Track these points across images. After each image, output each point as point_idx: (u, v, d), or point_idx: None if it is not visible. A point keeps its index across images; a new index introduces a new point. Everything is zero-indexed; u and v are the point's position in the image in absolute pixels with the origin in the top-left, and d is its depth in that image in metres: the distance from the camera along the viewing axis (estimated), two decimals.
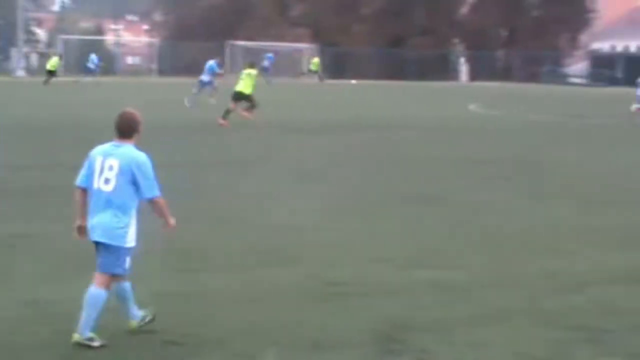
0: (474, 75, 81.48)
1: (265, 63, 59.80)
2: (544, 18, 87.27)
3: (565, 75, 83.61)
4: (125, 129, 7.05)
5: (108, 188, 6.90)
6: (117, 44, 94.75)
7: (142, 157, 6.99)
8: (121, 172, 6.89)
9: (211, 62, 38.23)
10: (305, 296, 8.66)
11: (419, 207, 13.97)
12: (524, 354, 7.16)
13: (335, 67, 73.88)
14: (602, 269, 10.07)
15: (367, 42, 77.96)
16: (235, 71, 71.78)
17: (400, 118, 32.74)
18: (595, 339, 7.53)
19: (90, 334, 6.85)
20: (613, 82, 74.66)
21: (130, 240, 6.96)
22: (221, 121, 26.67)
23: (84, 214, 7.03)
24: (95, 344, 6.82)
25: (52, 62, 53.33)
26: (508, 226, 12.46)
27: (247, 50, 72.53)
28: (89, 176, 7.02)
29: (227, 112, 27.13)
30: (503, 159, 20.54)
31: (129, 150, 7.00)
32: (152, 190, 6.96)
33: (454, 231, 12.06)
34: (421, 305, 8.43)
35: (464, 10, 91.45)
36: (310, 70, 67.00)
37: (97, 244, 6.98)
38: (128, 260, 7.02)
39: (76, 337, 6.86)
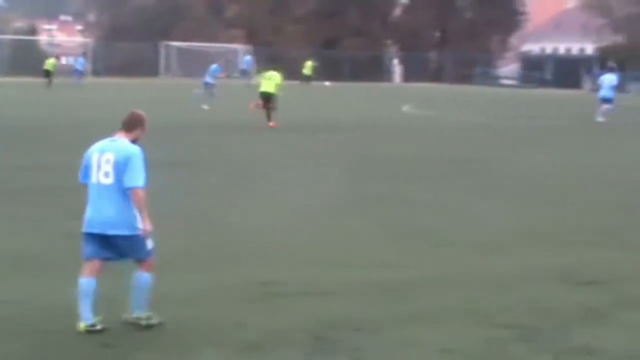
0: (408, 76, 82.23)
1: (244, 66, 60.02)
2: (476, 20, 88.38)
3: (497, 77, 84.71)
4: (129, 123, 7.57)
5: (108, 181, 7.30)
6: (51, 44, 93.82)
7: (134, 149, 7.41)
8: (116, 165, 7.31)
9: (214, 65, 39.79)
10: (241, 296, 8.68)
11: (361, 206, 14.16)
12: (456, 352, 7.31)
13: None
14: (534, 267, 10.27)
15: (301, 42, 78.18)
16: (170, 72, 71.89)
17: (333, 119, 32.94)
18: (526, 337, 7.69)
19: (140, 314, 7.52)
20: (543, 83, 75.95)
21: (140, 225, 7.35)
22: (270, 124, 28.30)
23: None
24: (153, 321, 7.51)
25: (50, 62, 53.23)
26: (444, 226, 12.68)
27: (182, 51, 72.45)
28: (87, 172, 7.47)
29: (268, 113, 28.67)
30: (438, 158, 20.89)
31: (122, 143, 7.43)
32: (134, 180, 7.27)
33: (389, 231, 12.24)
34: (356, 305, 8.54)
35: (397, 11, 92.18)
36: (304, 76, 62.70)
37: (99, 236, 7.35)
38: (149, 242, 7.45)
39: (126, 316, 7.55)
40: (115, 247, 7.39)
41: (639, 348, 7.53)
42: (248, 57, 63.28)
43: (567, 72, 76.31)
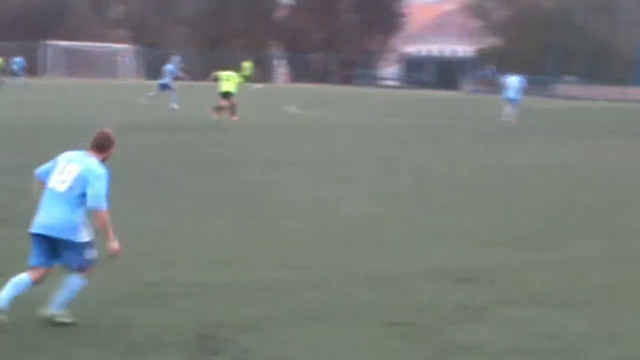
0: (292, 77, 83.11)
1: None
2: (358, 22, 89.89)
3: (379, 78, 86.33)
4: (101, 143, 7.81)
5: (63, 188, 7.56)
6: None
7: (101, 171, 7.64)
8: (78, 178, 7.56)
9: (170, 65, 40.19)
10: (126, 298, 8.62)
11: (239, 207, 14.22)
12: (340, 349, 7.46)
13: (156, 69, 74.11)
14: (415, 266, 10.46)
15: (186, 43, 78.42)
16: (49, 72, 70.80)
17: (221, 120, 32.47)
18: (407, 334, 7.86)
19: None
20: (423, 84, 77.74)
21: (85, 236, 7.58)
22: (234, 118, 30.99)
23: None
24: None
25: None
26: (329, 225, 12.87)
27: (65, 50, 71.56)
28: (48, 173, 7.74)
29: (232, 109, 31.48)
30: (317, 158, 21.18)
31: (92, 162, 7.67)
32: (99, 202, 7.50)
33: (272, 230, 12.36)
34: (242, 305, 8.59)
35: (282, 12, 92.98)
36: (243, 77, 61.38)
37: (45, 239, 7.55)
38: (89, 252, 7.64)
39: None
40: (57, 251, 7.60)
41: (517, 344, 7.76)
42: (177, 58, 62.93)
43: (446, 73, 78.50)
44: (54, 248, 7.60)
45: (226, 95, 32.27)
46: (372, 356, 7.41)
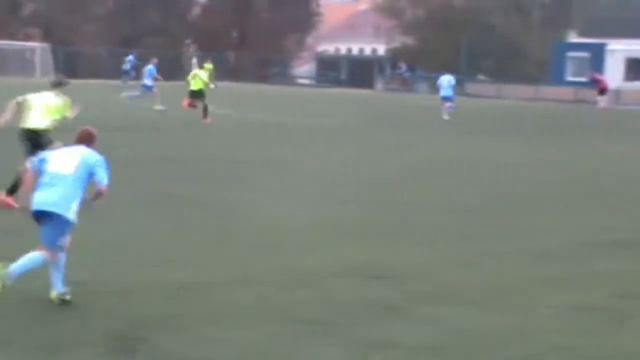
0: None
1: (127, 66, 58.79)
2: (272, 21, 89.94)
3: (293, 77, 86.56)
4: (87, 139, 9.07)
5: (67, 171, 8.56)
6: None
7: (98, 156, 8.87)
8: (83, 162, 8.67)
9: (150, 66, 39.54)
10: (40, 297, 8.53)
11: (157, 207, 14.26)
12: (254, 347, 7.53)
13: (68, 67, 73.24)
14: (330, 264, 10.59)
15: (99, 41, 77.60)
16: None
17: (129, 118, 32.64)
18: (322, 332, 7.96)
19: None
20: (337, 82, 78.16)
21: (73, 216, 8.50)
22: (206, 120, 31.51)
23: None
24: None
25: None
26: (244, 224, 12.96)
27: None
28: (43, 163, 8.71)
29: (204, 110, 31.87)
30: (235, 158, 21.20)
31: (89, 150, 8.89)
32: (105, 179, 8.75)
33: (189, 230, 12.43)
34: (157, 304, 8.63)
35: (196, 11, 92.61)
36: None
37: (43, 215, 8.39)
38: (65, 239, 8.54)
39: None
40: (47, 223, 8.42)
41: (431, 341, 7.91)
42: (131, 57, 61.93)
43: (361, 72, 79.01)
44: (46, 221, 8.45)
45: (194, 94, 33.01)
46: (287, 354, 7.49)
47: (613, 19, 75.41)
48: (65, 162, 8.68)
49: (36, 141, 13.71)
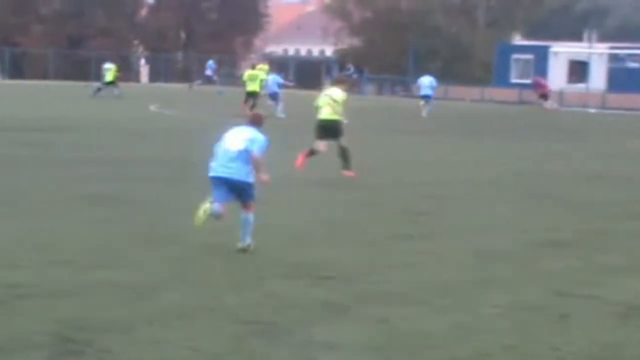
0: (154, 77, 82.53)
1: (208, 72, 58.34)
2: (220, 22, 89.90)
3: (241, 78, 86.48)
4: (255, 121, 11.68)
5: (239, 147, 11.01)
6: None
7: (261, 135, 11.32)
8: (247, 140, 11.06)
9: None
10: None
11: (96, 207, 14.17)
12: (202, 349, 7.51)
13: (15, 68, 72.62)
14: (274, 264, 10.64)
15: (46, 42, 76.93)
16: None
17: (78, 119, 32.58)
18: (268, 333, 7.98)
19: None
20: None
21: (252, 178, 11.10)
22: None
23: None
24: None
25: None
26: (186, 225, 12.55)
27: None
28: (222, 141, 11.22)
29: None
30: (180, 159, 21.21)
31: (250, 129, 11.34)
32: (257, 150, 11.05)
33: (134, 231, 12.40)
34: (102, 306, 8.59)
35: (144, 12, 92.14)
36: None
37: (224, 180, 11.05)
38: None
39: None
40: (233, 190, 11.04)
41: (377, 341, 7.96)
42: (211, 62, 61.25)
43: (309, 73, 79.22)
44: (230, 187, 11.10)
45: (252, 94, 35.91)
46: (233, 356, 7.51)
47: (556, 22, 76.47)
48: (235, 141, 11.11)
49: None
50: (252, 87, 36.03)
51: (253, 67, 38.41)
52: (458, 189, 18.32)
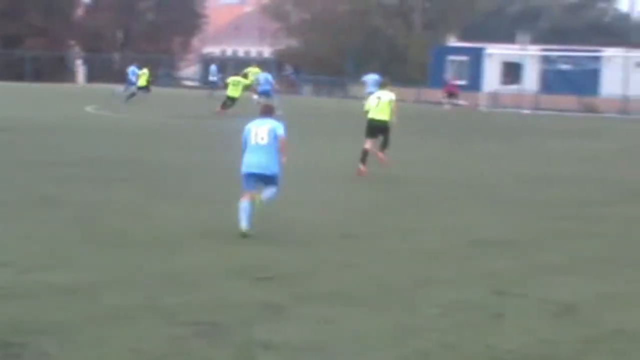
0: (91, 77, 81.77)
1: (212, 77, 57.13)
2: (158, 22, 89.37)
3: (179, 78, 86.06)
4: (268, 112, 12.94)
5: (264, 142, 12.40)
6: None
7: (278, 122, 12.71)
8: (270, 132, 12.47)
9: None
10: None
11: (38, 209, 14.13)
12: (142, 351, 7.49)
13: None
14: (212, 265, 10.68)
15: None
16: None
17: (14, 119, 32.18)
18: (207, 333, 7.99)
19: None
20: (225, 84, 77.80)
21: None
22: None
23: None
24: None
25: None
26: (128, 226, 12.95)
27: None
28: (248, 137, 12.51)
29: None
30: (118, 159, 21.17)
31: (271, 120, 12.71)
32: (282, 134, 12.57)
33: (73, 232, 12.38)
34: (40, 308, 8.54)
35: (80, 12, 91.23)
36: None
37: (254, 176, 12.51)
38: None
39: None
40: (263, 180, 12.54)
41: (317, 341, 8.02)
42: (214, 67, 60.11)
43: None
44: (260, 180, 12.60)
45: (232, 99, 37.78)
46: (173, 357, 7.51)
47: (490, 24, 77.29)
48: (260, 135, 12.47)
49: None
50: (234, 92, 38.24)
51: (244, 76, 41.90)
52: (398, 189, 18.45)
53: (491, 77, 59.66)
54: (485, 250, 12.52)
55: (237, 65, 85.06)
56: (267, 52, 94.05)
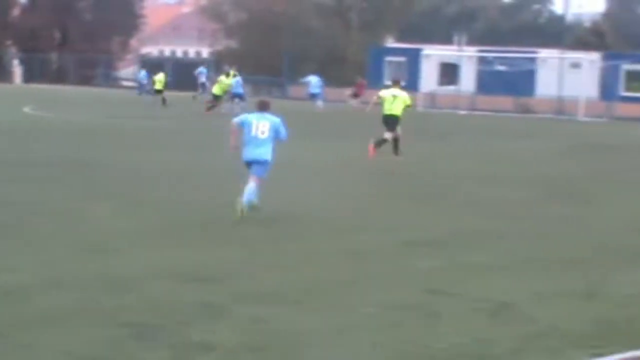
0: (28, 78, 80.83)
1: (203, 79, 56.00)
2: (96, 22, 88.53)
3: (118, 79, 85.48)
4: (266, 107, 14.41)
5: (264, 136, 14.02)
6: None
7: (278, 118, 14.32)
8: (271, 127, 14.09)
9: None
10: None
11: None
12: (76, 353, 7.46)
13: None
14: (149, 267, 10.62)
15: None
16: None
17: None
18: (144, 335, 7.97)
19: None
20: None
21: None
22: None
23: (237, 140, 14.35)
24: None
25: None
26: (60, 227, 12.88)
27: None
28: (248, 127, 14.09)
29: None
30: (54, 160, 21.00)
31: (271, 116, 14.27)
32: (283, 136, 14.36)
33: (6, 233, 12.28)
34: None
35: (16, 11, 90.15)
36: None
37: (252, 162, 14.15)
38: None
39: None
40: (258, 164, 14.10)
41: (252, 341, 8.05)
42: (202, 68, 59.16)
43: (185, 74, 78.63)
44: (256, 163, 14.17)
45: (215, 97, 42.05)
46: (110, 359, 7.49)
47: (427, 25, 77.85)
48: (260, 128, 14.05)
49: None
50: (216, 90, 42.61)
51: (227, 75, 43.44)
52: (333, 189, 18.52)
53: (428, 78, 60.03)
54: (418, 250, 12.62)
55: (175, 65, 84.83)
56: (205, 52, 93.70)
